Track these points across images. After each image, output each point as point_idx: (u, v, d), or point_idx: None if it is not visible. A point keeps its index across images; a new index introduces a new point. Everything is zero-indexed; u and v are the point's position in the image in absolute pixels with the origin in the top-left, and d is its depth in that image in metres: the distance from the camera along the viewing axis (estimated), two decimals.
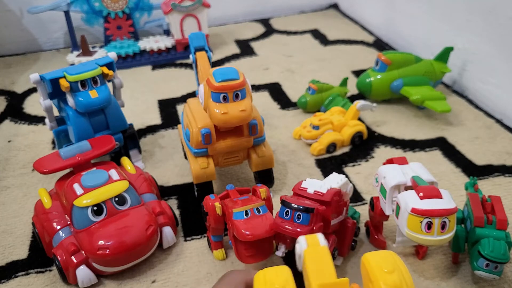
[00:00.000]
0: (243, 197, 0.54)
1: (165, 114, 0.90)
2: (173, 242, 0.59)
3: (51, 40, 1.25)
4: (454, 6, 0.94)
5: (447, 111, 0.81)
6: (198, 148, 0.62)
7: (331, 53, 1.14)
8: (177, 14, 1.09)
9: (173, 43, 1.14)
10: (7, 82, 1.06)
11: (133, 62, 1.10)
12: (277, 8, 1.40)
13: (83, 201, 0.54)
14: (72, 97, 0.64)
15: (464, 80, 0.93)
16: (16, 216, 0.66)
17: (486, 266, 0.48)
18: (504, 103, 0.84)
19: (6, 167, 0.77)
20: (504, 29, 0.82)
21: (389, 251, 0.34)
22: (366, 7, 1.29)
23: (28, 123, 0.89)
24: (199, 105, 0.64)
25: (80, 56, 1.10)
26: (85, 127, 0.67)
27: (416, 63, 0.88)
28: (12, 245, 0.61)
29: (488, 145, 0.76)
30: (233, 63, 1.11)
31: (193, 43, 0.69)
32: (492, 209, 0.52)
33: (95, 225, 0.54)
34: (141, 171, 0.64)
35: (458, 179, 0.69)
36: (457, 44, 0.92)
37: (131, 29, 1.14)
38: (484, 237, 0.50)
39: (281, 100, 0.93)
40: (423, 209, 0.47)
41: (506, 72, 0.83)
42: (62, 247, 0.54)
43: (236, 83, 0.57)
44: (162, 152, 0.78)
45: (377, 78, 0.87)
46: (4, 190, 0.71)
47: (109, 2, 1.08)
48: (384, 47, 1.15)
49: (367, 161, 0.74)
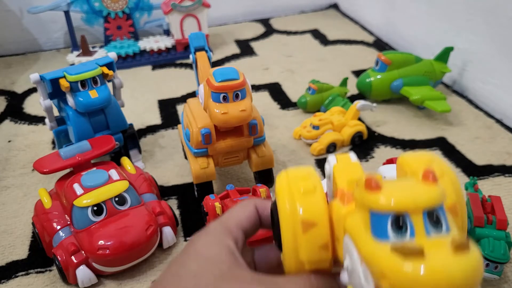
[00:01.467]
0: (243, 197, 0.54)
1: (165, 114, 0.90)
2: (173, 242, 0.59)
3: (51, 40, 1.25)
4: (454, 6, 0.94)
5: (447, 111, 0.81)
6: (198, 148, 0.62)
7: (331, 53, 1.14)
8: (177, 14, 1.09)
9: (173, 43, 1.14)
10: (7, 82, 1.06)
11: (133, 62, 1.10)
12: (277, 8, 1.40)
13: (83, 201, 0.54)
14: (72, 97, 0.64)
15: (464, 80, 0.93)
16: (16, 216, 0.66)
17: (486, 266, 0.48)
18: (504, 103, 0.84)
19: (6, 167, 0.77)
20: (504, 29, 0.82)
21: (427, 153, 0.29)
22: (366, 7, 1.29)
23: (28, 123, 0.89)
24: (199, 105, 0.64)
25: (80, 56, 1.10)
26: (85, 127, 0.67)
27: (416, 63, 0.88)
28: (12, 245, 0.61)
29: (488, 145, 0.76)
30: (233, 63, 1.11)
31: (193, 43, 0.69)
32: (492, 209, 0.52)
33: (95, 225, 0.54)
34: (141, 171, 0.64)
35: (458, 179, 0.69)
36: (457, 44, 0.92)
37: (131, 29, 1.14)
38: (484, 237, 0.50)
39: (281, 100, 0.93)
40: None
41: (506, 72, 0.83)
42: (62, 247, 0.54)
43: (236, 83, 0.57)
44: (162, 152, 0.78)
45: (377, 78, 0.87)
46: (4, 190, 0.71)
47: (109, 2, 1.08)
48: (384, 47, 1.15)
49: (367, 161, 0.74)
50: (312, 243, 0.26)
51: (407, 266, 0.20)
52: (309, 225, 0.26)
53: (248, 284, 0.27)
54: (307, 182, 0.27)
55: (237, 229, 0.30)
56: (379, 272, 0.22)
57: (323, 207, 0.27)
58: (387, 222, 0.22)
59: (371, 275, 0.22)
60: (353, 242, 0.24)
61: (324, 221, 0.26)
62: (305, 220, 0.26)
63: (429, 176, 0.24)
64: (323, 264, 0.27)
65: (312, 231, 0.26)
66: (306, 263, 0.27)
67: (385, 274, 0.21)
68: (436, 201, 0.23)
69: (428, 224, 0.22)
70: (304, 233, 0.26)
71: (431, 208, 0.22)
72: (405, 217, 0.22)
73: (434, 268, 0.20)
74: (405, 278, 0.20)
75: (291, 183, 0.28)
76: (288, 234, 0.27)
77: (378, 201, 0.23)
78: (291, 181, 0.28)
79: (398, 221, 0.22)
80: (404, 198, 0.22)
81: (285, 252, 0.27)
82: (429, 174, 0.24)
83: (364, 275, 0.23)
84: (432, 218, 0.22)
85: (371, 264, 0.22)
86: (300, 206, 0.26)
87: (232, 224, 0.30)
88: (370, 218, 0.23)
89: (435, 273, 0.20)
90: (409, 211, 0.22)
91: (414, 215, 0.22)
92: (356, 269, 0.23)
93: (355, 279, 0.24)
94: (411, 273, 0.20)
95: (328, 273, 0.28)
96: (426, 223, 0.22)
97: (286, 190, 0.27)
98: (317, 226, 0.26)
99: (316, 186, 0.27)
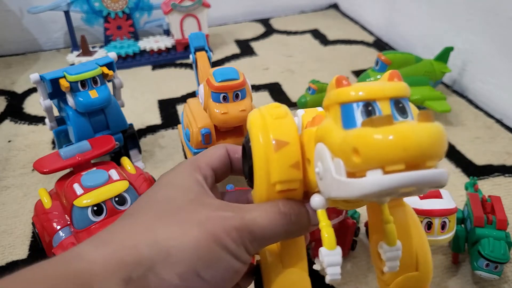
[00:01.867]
0: None
1: (165, 114, 0.90)
2: None
3: (51, 40, 1.25)
4: (454, 6, 0.94)
5: (447, 111, 0.81)
6: (198, 148, 0.62)
7: (331, 53, 1.14)
8: (177, 14, 1.09)
9: (173, 43, 1.14)
10: (7, 82, 1.06)
11: (133, 62, 1.10)
12: (277, 8, 1.40)
13: (83, 201, 0.54)
14: (72, 97, 0.64)
15: (464, 80, 0.93)
16: (16, 216, 0.66)
17: (486, 266, 0.48)
18: (504, 103, 0.84)
19: (6, 167, 0.77)
20: (504, 29, 0.82)
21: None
22: (366, 7, 1.29)
23: (28, 123, 0.89)
24: (199, 105, 0.64)
25: (80, 56, 1.10)
26: (85, 127, 0.67)
27: (416, 63, 0.87)
28: (12, 245, 0.61)
29: (488, 145, 0.76)
30: (233, 63, 1.11)
31: (193, 43, 0.69)
32: (492, 209, 0.52)
33: (95, 225, 0.54)
34: (141, 171, 0.64)
35: (458, 179, 0.69)
36: (457, 44, 0.92)
37: (131, 29, 1.14)
38: (484, 237, 0.50)
39: (281, 100, 0.93)
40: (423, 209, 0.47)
41: (506, 72, 0.83)
42: (62, 247, 0.53)
43: (236, 83, 0.57)
44: (162, 152, 0.78)
45: (377, 78, 0.87)
46: (4, 190, 0.71)
47: (109, 2, 1.08)
48: (384, 47, 1.15)
49: None
50: (284, 162, 0.27)
51: (377, 134, 0.21)
52: (281, 144, 0.27)
53: (216, 209, 0.28)
54: (278, 109, 0.29)
55: (206, 167, 0.31)
56: (352, 151, 0.22)
57: (294, 128, 0.28)
58: (356, 111, 0.23)
59: (343, 162, 0.23)
60: (324, 143, 0.25)
61: (295, 140, 0.27)
62: (277, 140, 0.27)
63: (394, 76, 0.25)
64: (293, 184, 0.28)
65: (283, 150, 0.27)
66: (278, 183, 0.27)
67: (357, 149, 0.22)
68: (402, 92, 0.24)
69: (395, 111, 0.23)
70: (276, 152, 0.27)
71: (397, 97, 0.24)
72: (373, 104, 0.23)
73: (402, 133, 0.21)
74: (376, 146, 0.21)
75: (263, 112, 0.29)
76: (260, 155, 0.27)
77: (349, 93, 0.24)
78: (263, 110, 0.29)
79: (367, 108, 0.23)
80: (372, 89, 0.24)
81: (256, 176, 0.28)
82: (394, 76, 0.25)
83: (336, 168, 0.23)
84: (399, 107, 0.24)
85: (342, 148, 0.23)
86: (271, 127, 0.27)
87: (202, 162, 0.31)
88: (340, 113, 0.24)
89: (404, 138, 0.21)
90: (377, 99, 0.23)
91: (381, 102, 0.23)
92: (328, 168, 0.24)
93: (327, 178, 0.24)
94: (381, 139, 0.21)
95: (297, 200, 0.29)
96: (393, 110, 0.23)
97: (259, 119, 0.28)
98: (288, 145, 0.27)
99: (287, 112, 0.29)
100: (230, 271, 0.27)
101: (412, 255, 0.31)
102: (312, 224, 0.29)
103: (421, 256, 0.31)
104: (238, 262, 0.27)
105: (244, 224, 0.27)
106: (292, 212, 0.28)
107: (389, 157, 0.21)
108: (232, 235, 0.26)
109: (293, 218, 0.28)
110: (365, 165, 0.22)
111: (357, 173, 0.22)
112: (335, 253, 0.26)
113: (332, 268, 0.26)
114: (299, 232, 0.29)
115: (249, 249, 0.27)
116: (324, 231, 0.26)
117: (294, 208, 0.28)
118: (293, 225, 0.28)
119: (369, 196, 0.22)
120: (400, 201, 0.32)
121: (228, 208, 0.28)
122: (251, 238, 0.27)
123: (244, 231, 0.27)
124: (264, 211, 0.28)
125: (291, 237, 0.30)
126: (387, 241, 0.28)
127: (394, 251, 0.29)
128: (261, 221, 0.27)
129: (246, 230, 0.27)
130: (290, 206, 0.28)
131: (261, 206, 0.28)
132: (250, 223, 0.27)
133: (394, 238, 0.28)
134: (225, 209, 0.28)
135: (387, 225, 0.28)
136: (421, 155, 0.21)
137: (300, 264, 0.30)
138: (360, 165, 0.22)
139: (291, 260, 0.30)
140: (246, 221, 0.27)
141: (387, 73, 0.26)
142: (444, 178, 0.22)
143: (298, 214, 0.28)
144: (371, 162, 0.21)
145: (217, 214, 0.27)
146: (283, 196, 0.28)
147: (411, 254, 0.31)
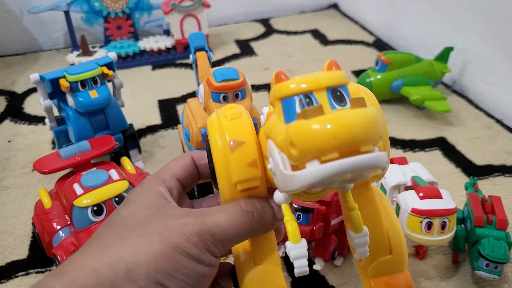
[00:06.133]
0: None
1: (165, 114, 0.90)
2: None
3: (51, 40, 1.25)
4: (454, 6, 0.94)
5: (447, 111, 0.81)
6: (198, 148, 0.62)
7: (331, 53, 1.14)
8: (177, 14, 1.09)
9: (173, 43, 1.14)
10: (7, 82, 1.06)
11: (133, 62, 1.10)
12: (277, 8, 1.40)
13: (83, 201, 0.54)
14: (72, 97, 0.64)
15: (464, 80, 0.93)
16: (16, 216, 0.66)
17: (486, 266, 0.48)
18: (504, 103, 0.84)
19: (6, 167, 0.77)
20: (504, 29, 0.82)
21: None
22: (366, 7, 1.29)
23: (28, 123, 0.89)
24: (199, 105, 0.64)
25: (80, 56, 1.10)
26: (85, 127, 0.67)
27: (416, 63, 0.88)
28: (12, 245, 0.61)
29: (488, 145, 0.77)
30: (233, 63, 1.11)
31: (193, 43, 0.69)
32: (492, 209, 0.52)
33: (95, 225, 0.54)
34: (141, 171, 0.64)
35: (458, 179, 0.69)
36: (457, 44, 0.92)
37: (131, 29, 1.14)
38: (484, 237, 0.50)
39: None
40: (423, 209, 0.48)
41: (506, 72, 0.83)
42: (62, 247, 0.54)
43: (236, 83, 0.57)
44: (162, 152, 0.78)
45: (377, 78, 0.87)
46: (4, 190, 0.71)
47: (109, 2, 1.08)
48: (384, 47, 1.15)
49: None
50: (241, 161, 0.27)
51: (308, 125, 0.22)
52: (237, 144, 0.27)
53: (176, 218, 0.28)
54: (233, 110, 0.29)
55: (171, 178, 0.31)
56: (289, 144, 0.23)
57: (249, 127, 0.28)
58: (296, 104, 0.24)
59: (286, 155, 0.23)
60: (271, 140, 0.25)
61: (251, 139, 0.28)
62: (233, 140, 0.27)
63: (332, 66, 0.26)
64: (254, 182, 0.28)
65: (240, 149, 0.27)
66: (238, 183, 0.28)
67: (293, 142, 0.22)
68: (338, 80, 0.24)
69: (332, 101, 0.24)
70: (232, 152, 0.27)
71: (333, 86, 0.24)
72: (310, 96, 0.24)
73: (332, 121, 0.21)
74: (308, 137, 0.22)
75: (219, 115, 0.29)
76: (219, 157, 0.28)
77: (287, 87, 0.24)
78: (219, 113, 0.29)
79: (305, 100, 0.24)
80: (308, 80, 0.24)
81: (218, 178, 0.28)
82: (332, 65, 0.26)
83: (282, 162, 0.24)
84: (336, 96, 0.24)
85: (283, 143, 0.24)
86: (227, 128, 0.28)
87: (166, 174, 0.32)
88: (282, 108, 0.25)
89: (334, 126, 0.21)
90: (313, 90, 0.24)
91: (318, 92, 0.24)
92: (276, 163, 0.24)
93: (277, 174, 0.25)
94: (313, 130, 0.22)
95: (260, 197, 0.29)
96: (330, 99, 0.24)
97: (215, 121, 0.29)
98: (244, 145, 0.27)
99: (242, 112, 0.29)
100: (195, 276, 0.27)
101: (383, 239, 0.31)
102: (278, 219, 0.29)
103: (393, 239, 0.31)
104: (203, 266, 0.27)
105: (205, 228, 0.27)
106: (255, 210, 0.28)
107: (322, 146, 0.21)
108: (192, 240, 0.27)
109: (256, 215, 0.28)
110: (303, 157, 0.22)
111: (300, 166, 0.23)
112: (300, 245, 0.26)
113: (299, 261, 0.26)
114: (264, 229, 0.30)
115: (214, 251, 0.27)
116: (288, 225, 0.27)
117: (257, 205, 0.29)
118: (257, 223, 0.28)
119: (309, 186, 0.22)
120: (368, 187, 0.32)
121: (190, 214, 0.28)
122: (214, 241, 0.27)
123: (205, 234, 0.27)
124: (225, 212, 0.28)
125: (257, 234, 0.30)
126: (353, 228, 0.29)
127: (361, 237, 0.29)
128: (222, 222, 0.28)
129: (208, 233, 0.27)
130: (252, 204, 0.28)
131: (223, 207, 0.28)
132: (211, 226, 0.27)
133: (360, 224, 0.29)
134: (186, 216, 0.28)
135: (352, 212, 0.29)
136: (352, 141, 0.21)
137: (272, 259, 0.30)
138: (298, 158, 0.22)
139: (263, 257, 0.30)
140: (207, 224, 0.27)
141: (326, 63, 0.26)
142: (381, 161, 0.22)
143: (261, 211, 0.29)
144: (307, 153, 0.22)
145: (176, 222, 0.27)
146: (247, 194, 0.29)
147: (382, 239, 0.31)
